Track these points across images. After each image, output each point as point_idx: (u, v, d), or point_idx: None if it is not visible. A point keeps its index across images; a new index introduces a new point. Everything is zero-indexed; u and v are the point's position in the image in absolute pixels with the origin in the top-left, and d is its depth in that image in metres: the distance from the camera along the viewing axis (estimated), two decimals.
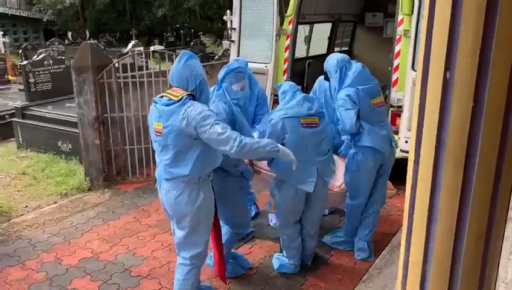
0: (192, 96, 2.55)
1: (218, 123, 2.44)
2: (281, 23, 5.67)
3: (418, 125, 1.28)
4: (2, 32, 13.20)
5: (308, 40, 6.74)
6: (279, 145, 2.63)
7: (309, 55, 6.86)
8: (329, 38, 7.14)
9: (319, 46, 7.00)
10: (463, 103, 1.20)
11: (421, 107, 1.27)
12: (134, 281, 3.58)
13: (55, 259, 3.89)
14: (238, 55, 5.86)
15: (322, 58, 4.81)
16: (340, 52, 7.45)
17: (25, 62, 7.19)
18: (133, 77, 5.37)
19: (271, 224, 4.19)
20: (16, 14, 21.41)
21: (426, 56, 1.23)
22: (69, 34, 20.85)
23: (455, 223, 1.31)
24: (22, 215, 4.83)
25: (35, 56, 7.76)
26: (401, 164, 5.06)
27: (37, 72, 6.94)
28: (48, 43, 15.59)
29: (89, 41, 5.26)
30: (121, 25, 23.90)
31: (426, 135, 1.29)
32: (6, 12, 21.06)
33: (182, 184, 2.60)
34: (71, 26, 22.65)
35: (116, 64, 5.26)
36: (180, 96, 2.48)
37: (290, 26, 5.62)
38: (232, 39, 5.86)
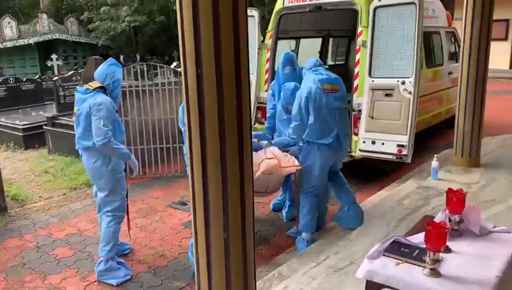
0: (104, 89, 3.37)
1: (103, 119, 3.32)
2: (263, 38, 6.38)
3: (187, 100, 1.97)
4: (56, 56, 15.00)
5: (295, 53, 7.37)
6: (132, 155, 3.63)
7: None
8: (320, 52, 7.73)
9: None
10: (209, 86, 1.89)
11: (186, 91, 1.95)
12: None
13: (47, 234, 4.79)
14: None
15: None
16: (335, 65, 8.02)
17: (55, 78, 8.44)
18: (133, 86, 6.30)
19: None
20: (76, 40, 23.73)
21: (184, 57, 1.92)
22: (121, 57, 22.85)
23: (201, 154, 1.97)
24: (34, 203, 5.83)
25: (66, 73, 9.02)
26: (364, 163, 5.52)
27: (66, 87, 8.14)
28: None
29: (95, 56, 6.26)
30: (170, 49, 25.78)
31: (192, 107, 1.96)
32: (68, 39, 23.43)
33: (96, 153, 3.43)
34: (125, 50, 24.78)
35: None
36: (94, 87, 3.31)
37: (270, 40, 6.31)
38: None
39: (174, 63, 19.42)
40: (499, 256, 2.17)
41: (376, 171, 5.87)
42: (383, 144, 5.09)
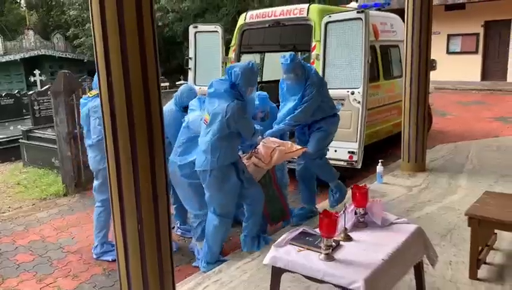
0: None
1: (99, 119, 3.71)
2: (227, 52, 6.69)
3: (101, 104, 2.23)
4: (39, 72, 15.25)
5: (261, 66, 7.69)
6: None
7: (262, 80, 7.80)
8: None
9: (277, 72, 7.90)
10: (118, 92, 2.15)
11: (100, 97, 2.21)
12: (62, 255, 4.55)
13: (10, 241, 4.96)
14: (195, 81, 6.92)
15: (277, 82, 5.31)
16: None
17: (30, 92, 8.68)
18: None
19: None
20: (62, 56, 23.97)
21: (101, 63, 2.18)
22: None
23: (114, 152, 2.21)
24: (3, 213, 6.01)
25: (41, 88, 9.26)
26: None
27: (41, 101, 8.37)
28: (80, 80, 17.58)
29: (63, 71, 6.51)
30: None
31: (105, 110, 2.20)
32: (54, 54, 23.67)
33: (96, 148, 4.08)
34: None
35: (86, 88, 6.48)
36: (93, 94, 3.91)
37: (233, 54, 6.62)
38: (189, 67, 6.94)
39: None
40: (391, 243, 2.42)
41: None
42: (335, 151, 5.35)
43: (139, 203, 2.22)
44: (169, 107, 4.36)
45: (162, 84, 16.60)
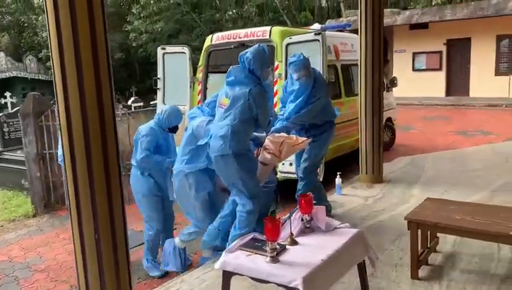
0: None
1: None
2: (194, 73, 6.93)
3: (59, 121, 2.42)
4: (10, 94, 15.14)
5: None
6: None
7: None
8: None
9: None
10: (75, 108, 2.34)
11: (58, 113, 2.40)
12: (29, 274, 4.62)
13: None
14: (164, 100, 7.13)
15: None
16: None
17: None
18: None
19: None
20: (35, 78, 23.80)
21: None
22: None
23: (71, 167, 2.38)
24: None
25: (11, 110, 9.30)
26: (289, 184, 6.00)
27: (10, 123, 8.41)
28: (52, 101, 17.53)
29: (33, 93, 6.62)
30: (130, 84, 26.25)
31: (63, 126, 2.39)
32: (27, 76, 23.49)
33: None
34: None
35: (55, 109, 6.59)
36: None
37: (201, 74, 6.86)
38: (158, 87, 7.14)
39: (132, 98, 19.79)
40: (332, 245, 2.65)
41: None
42: (290, 164, 5.60)
43: (96, 214, 2.39)
44: (148, 126, 4.29)
45: (136, 104, 16.85)
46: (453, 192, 5.18)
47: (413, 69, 18.32)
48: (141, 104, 17.42)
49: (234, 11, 27.87)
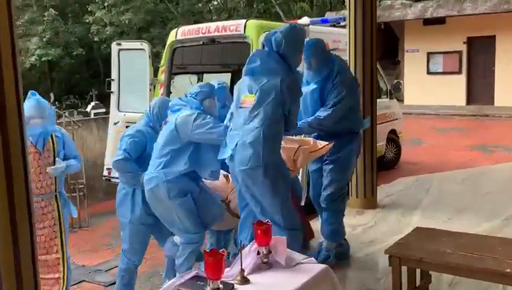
0: None
1: None
2: (156, 74, 6.93)
3: None
4: None
5: None
6: None
7: None
8: (231, 87, 8.34)
9: None
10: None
11: None
12: None
13: None
14: (118, 106, 7.11)
15: None
16: None
17: None
18: None
19: None
20: None
21: None
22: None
23: None
24: None
25: None
26: None
27: None
28: None
29: None
30: (93, 86, 26.10)
31: None
32: None
33: None
34: (38, 88, 24.94)
35: None
36: None
37: (163, 75, 6.87)
38: (112, 90, 7.12)
39: (92, 103, 19.67)
40: (291, 284, 2.62)
41: None
42: None
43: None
44: (135, 127, 4.06)
45: (98, 111, 16.81)
46: (458, 220, 5.17)
47: (428, 72, 18.47)
48: (103, 110, 17.30)
49: (219, 0, 28.08)
